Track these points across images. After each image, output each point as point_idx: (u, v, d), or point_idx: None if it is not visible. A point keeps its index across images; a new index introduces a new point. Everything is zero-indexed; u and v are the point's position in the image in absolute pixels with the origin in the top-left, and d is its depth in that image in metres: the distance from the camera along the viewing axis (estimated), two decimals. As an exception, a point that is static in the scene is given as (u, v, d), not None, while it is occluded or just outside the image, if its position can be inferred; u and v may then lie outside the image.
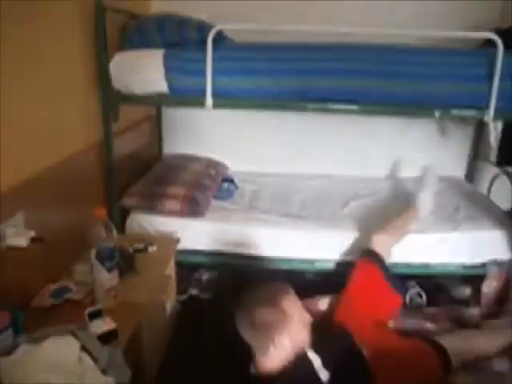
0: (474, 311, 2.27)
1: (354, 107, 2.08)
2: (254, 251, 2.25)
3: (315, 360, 1.49)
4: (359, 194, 2.65)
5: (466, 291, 2.44)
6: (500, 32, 2.15)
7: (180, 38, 2.12)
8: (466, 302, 2.39)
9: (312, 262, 2.27)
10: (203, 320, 2.23)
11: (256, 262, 2.28)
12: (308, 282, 2.50)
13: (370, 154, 2.99)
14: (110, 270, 1.56)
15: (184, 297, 2.41)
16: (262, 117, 2.81)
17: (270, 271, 2.30)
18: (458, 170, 3.09)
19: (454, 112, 2.10)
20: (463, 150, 3.05)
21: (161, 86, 2.00)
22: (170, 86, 2.01)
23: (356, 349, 1.63)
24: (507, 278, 2.23)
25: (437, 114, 2.10)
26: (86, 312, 1.41)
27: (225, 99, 2.04)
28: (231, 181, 2.66)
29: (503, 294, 2.26)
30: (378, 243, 2.01)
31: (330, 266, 2.28)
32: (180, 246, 2.18)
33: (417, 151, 2.97)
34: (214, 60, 1.95)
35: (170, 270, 2.11)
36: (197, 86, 1.99)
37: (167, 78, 1.99)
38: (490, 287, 2.29)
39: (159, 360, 1.94)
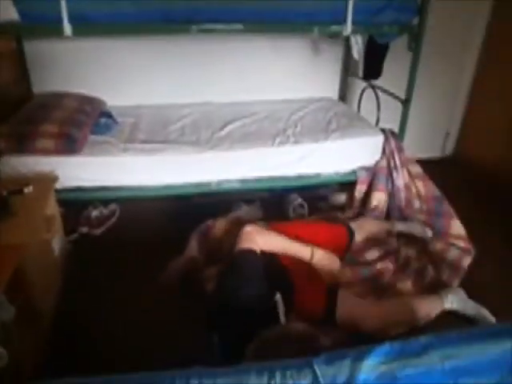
0: (347, 215, 2.54)
1: (239, 26, 2.10)
2: (136, 182, 2.26)
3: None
4: (236, 117, 2.71)
5: (342, 198, 2.69)
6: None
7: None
8: (342, 208, 2.65)
9: (198, 185, 2.34)
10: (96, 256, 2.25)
11: (141, 193, 2.30)
12: (198, 206, 2.60)
13: (247, 78, 3.02)
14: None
15: (74, 236, 2.40)
16: (137, 46, 2.72)
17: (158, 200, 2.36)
18: (332, 91, 3.24)
19: (327, 28, 2.22)
20: (335, 70, 3.20)
21: (9, 12, 1.83)
22: (20, 13, 1.84)
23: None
24: (371, 181, 2.49)
25: (315, 30, 2.22)
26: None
27: (84, 26, 1.92)
28: (109, 116, 2.58)
29: (367, 196, 2.53)
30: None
31: (217, 187, 2.38)
32: (61, 185, 2.13)
33: (291, 74, 3.08)
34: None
35: (53, 209, 2.07)
36: (51, 13, 1.85)
37: (16, 2, 1.82)
38: (360, 191, 2.54)
39: (56, 298, 1.95)
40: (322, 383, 1.06)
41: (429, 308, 1.86)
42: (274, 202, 2.71)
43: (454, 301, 1.90)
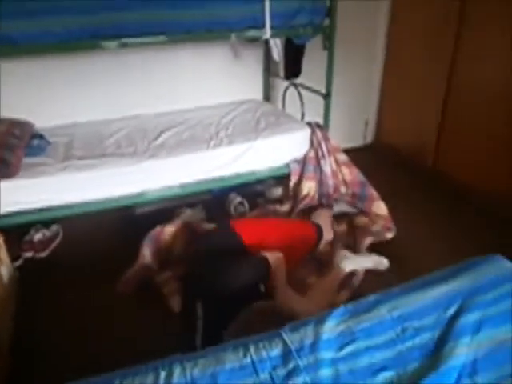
0: (285, 207, 2.70)
1: (163, 38, 2.19)
2: (77, 199, 2.27)
3: None
4: (169, 126, 2.78)
5: (278, 191, 2.85)
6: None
7: None
8: (280, 200, 2.81)
9: (140, 195, 2.39)
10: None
11: (84, 209, 2.31)
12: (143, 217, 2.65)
13: (175, 88, 3.09)
14: None
15: (19, 262, 2.35)
16: (59, 65, 2.70)
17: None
18: (257, 92, 3.39)
19: (247, 33, 2.36)
20: (257, 72, 3.37)
21: None
22: None
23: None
24: (301, 172, 2.67)
25: (233, 36, 2.37)
26: None
27: (8, 47, 1.91)
28: (41, 137, 2.55)
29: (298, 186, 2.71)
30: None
31: (159, 194, 2.44)
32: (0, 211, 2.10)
33: (216, 80, 3.19)
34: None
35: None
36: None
37: None
38: (293, 183, 2.72)
39: (11, 324, 1.92)
40: (292, 348, 1.19)
41: (335, 282, 2.11)
42: (216, 203, 2.82)
43: (348, 263, 2.16)
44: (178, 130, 2.74)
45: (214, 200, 2.84)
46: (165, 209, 2.66)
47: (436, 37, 3.07)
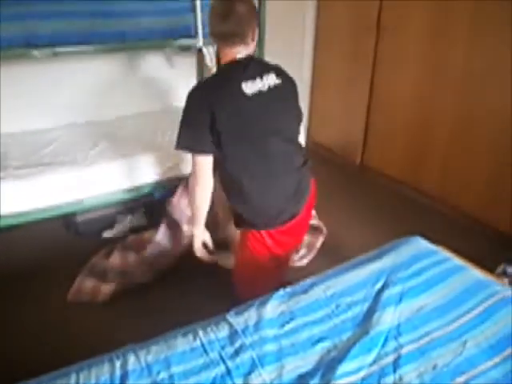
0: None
1: (90, 48, 2.21)
2: (16, 209, 2.24)
3: None
4: (107, 133, 2.80)
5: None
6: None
7: None
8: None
9: (80, 202, 2.39)
10: None
11: (23, 219, 2.29)
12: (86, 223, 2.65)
13: (111, 95, 3.10)
14: None
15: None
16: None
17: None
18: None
19: (180, 42, 2.46)
20: (192, 78, 3.45)
21: None
22: None
23: None
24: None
25: (167, 45, 2.46)
26: None
27: None
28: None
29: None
30: None
31: (97, 201, 2.45)
32: None
33: (151, 87, 3.24)
34: None
35: None
36: None
37: None
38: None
39: None
40: (238, 329, 1.29)
41: None
42: (158, 206, 2.85)
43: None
44: (117, 136, 2.77)
45: (157, 203, 2.87)
46: (106, 215, 2.67)
47: (359, 40, 3.32)
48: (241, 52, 1.74)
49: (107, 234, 2.63)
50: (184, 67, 3.33)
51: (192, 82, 3.38)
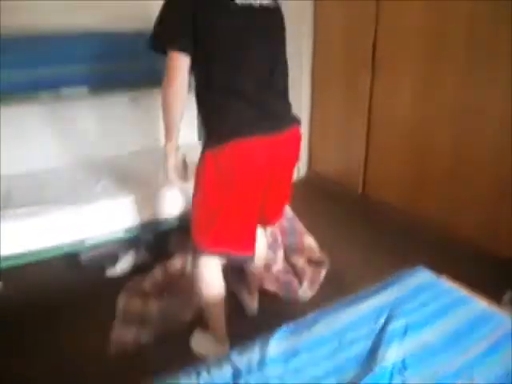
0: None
1: (84, 89, 2.26)
2: (20, 249, 2.24)
3: None
4: (108, 171, 2.83)
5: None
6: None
7: None
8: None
9: (81, 241, 2.39)
10: None
11: (27, 259, 2.29)
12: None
13: (111, 134, 3.15)
14: None
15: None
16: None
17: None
18: (192, 134, 3.50)
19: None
20: (192, 114, 3.49)
21: None
22: None
23: None
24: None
25: None
26: None
27: None
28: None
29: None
30: None
31: (99, 240, 2.45)
32: None
33: (150, 125, 3.28)
34: None
35: None
36: None
37: None
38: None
39: None
40: (241, 368, 1.28)
41: None
42: (159, 243, 2.86)
43: None
44: (118, 174, 2.79)
45: (158, 240, 2.87)
46: (109, 252, 2.67)
47: (356, 75, 3.40)
48: None
49: (111, 272, 2.63)
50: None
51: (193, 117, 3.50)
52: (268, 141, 1.61)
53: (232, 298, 2.22)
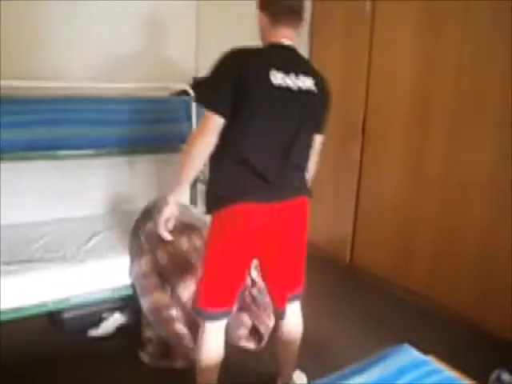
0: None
1: (90, 152, 2.35)
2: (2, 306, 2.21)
3: None
4: (102, 229, 2.85)
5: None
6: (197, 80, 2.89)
7: None
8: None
9: (67, 299, 2.37)
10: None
11: (9, 316, 2.24)
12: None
13: (105, 191, 3.22)
14: None
15: None
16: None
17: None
18: (184, 197, 3.52)
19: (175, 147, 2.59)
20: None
21: None
22: None
23: None
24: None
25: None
26: None
27: None
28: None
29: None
30: None
31: (84, 299, 2.43)
32: None
33: (146, 184, 3.35)
34: None
35: None
36: None
37: None
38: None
39: None
40: None
41: None
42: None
43: None
44: (110, 232, 2.81)
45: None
46: (93, 312, 2.63)
47: (345, 146, 3.52)
48: (287, 37, 1.73)
49: (93, 333, 2.57)
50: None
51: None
52: (268, 207, 1.71)
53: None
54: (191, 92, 2.50)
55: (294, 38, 1.76)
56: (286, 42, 1.73)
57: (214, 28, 3.35)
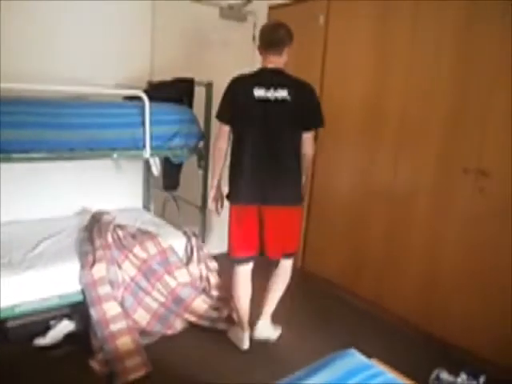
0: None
1: (48, 155, 2.32)
2: None
3: None
4: (49, 234, 2.78)
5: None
6: (152, 85, 2.96)
7: None
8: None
9: (12, 308, 2.28)
10: None
11: None
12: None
13: (59, 195, 3.15)
14: None
15: None
16: None
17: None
18: (137, 201, 3.59)
19: (129, 153, 2.60)
20: (138, 183, 3.58)
21: None
22: None
23: None
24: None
25: (115, 155, 2.58)
26: None
27: None
28: None
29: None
30: None
31: (31, 307, 2.35)
32: None
33: (99, 187, 3.32)
34: None
35: None
36: None
37: None
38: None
39: None
40: None
41: None
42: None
43: None
44: (58, 238, 2.75)
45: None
46: (39, 320, 2.56)
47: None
48: (272, 62, 2.39)
49: (39, 341, 2.50)
50: (131, 172, 3.50)
51: (139, 186, 3.56)
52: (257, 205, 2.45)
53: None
54: (144, 97, 2.51)
55: (279, 61, 2.39)
56: (270, 65, 2.40)
57: (168, 34, 3.40)
